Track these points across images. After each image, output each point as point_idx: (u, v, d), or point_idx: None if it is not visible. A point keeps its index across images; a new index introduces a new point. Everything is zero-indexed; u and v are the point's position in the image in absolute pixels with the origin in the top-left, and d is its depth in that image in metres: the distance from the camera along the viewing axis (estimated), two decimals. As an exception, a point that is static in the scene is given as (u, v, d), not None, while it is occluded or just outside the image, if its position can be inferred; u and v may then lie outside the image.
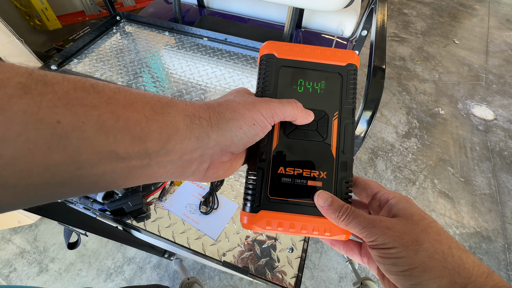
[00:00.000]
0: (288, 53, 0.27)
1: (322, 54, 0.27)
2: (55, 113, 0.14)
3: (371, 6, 0.64)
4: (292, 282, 0.49)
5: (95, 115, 0.15)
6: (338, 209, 0.23)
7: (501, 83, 2.21)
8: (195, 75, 0.83)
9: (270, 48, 0.28)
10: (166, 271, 1.17)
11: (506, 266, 1.27)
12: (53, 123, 0.14)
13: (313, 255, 1.27)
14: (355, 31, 1.07)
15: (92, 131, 0.15)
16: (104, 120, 0.15)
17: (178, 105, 0.20)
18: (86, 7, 1.78)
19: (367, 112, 0.43)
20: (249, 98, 0.23)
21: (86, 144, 0.15)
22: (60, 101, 0.14)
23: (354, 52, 0.28)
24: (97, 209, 0.55)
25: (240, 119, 0.21)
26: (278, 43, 0.28)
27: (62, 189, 0.15)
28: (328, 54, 0.27)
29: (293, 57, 0.27)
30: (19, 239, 1.23)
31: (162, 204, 0.57)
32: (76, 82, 0.15)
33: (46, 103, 0.13)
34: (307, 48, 0.27)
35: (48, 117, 0.13)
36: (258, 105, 0.22)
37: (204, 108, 0.21)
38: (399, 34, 2.68)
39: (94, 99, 0.15)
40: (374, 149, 1.70)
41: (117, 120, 0.16)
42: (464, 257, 0.20)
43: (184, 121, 0.19)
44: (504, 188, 1.55)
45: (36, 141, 0.13)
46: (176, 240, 0.52)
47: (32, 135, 0.13)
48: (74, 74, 0.79)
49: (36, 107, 0.13)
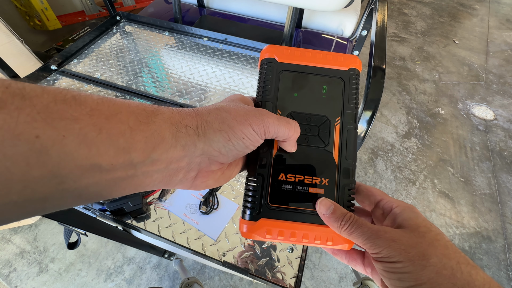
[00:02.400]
0: (289, 57, 0.27)
1: (324, 58, 0.27)
2: (33, 128, 0.13)
3: (371, 6, 0.64)
4: (292, 282, 0.49)
5: (76, 128, 0.15)
6: (340, 217, 0.22)
7: (501, 83, 2.21)
8: (195, 75, 0.83)
9: (271, 52, 0.27)
10: (166, 271, 1.17)
11: (506, 266, 1.27)
12: (32, 138, 0.13)
13: (313, 255, 1.27)
14: (355, 31, 1.07)
15: (74, 145, 0.14)
16: (86, 132, 0.15)
17: (164, 113, 0.19)
18: (86, 7, 1.78)
19: (367, 112, 0.43)
20: (242, 110, 0.22)
21: (68, 158, 0.14)
22: (39, 115, 0.13)
23: (356, 57, 0.27)
24: (97, 209, 0.55)
25: (229, 131, 0.21)
26: (279, 47, 0.27)
27: (44, 204, 0.15)
28: (330, 59, 0.27)
29: (294, 61, 0.27)
30: (19, 239, 1.23)
31: (162, 204, 0.57)
32: (56, 95, 0.15)
33: (24, 118, 0.13)
34: (308, 52, 0.27)
35: (26, 132, 0.13)
36: (251, 119, 0.21)
37: (192, 116, 0.20)
38: (399, 34, 2.68)
39: (75, 111, 0.15)
40: (374, 149, 1.70)
41: (100, 132, 0.16)
42: (474, 273, 0.19)
43: (170, 130, 0.19)
44: (504, 188, 1.55)
45: (14, 158, 0.13)
46: (176, 240, 0.52)
47: (9, 152, 0.12)
48: (74, 74, 0.79)
49: (13, 123, 0.13)
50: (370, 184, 1.53)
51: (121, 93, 0.76)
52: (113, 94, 0.76)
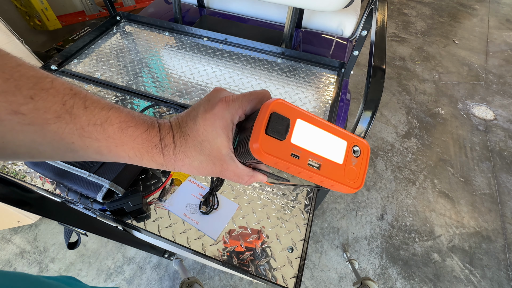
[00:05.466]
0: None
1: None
2: (71, 137, 0.21)
3: (371, 6, 0.64)
4: (292, 282, 0.49)
5: (96, 146, 0.22)
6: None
7: (501, 83, 2.21)
8: (195, 75, 0.83)
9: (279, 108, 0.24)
10: (166, 271, 1.17)
11: (506, 266, 1.27)
12: (69, 143, 0.21)
13: (313, 255, 1.27)
14: (355, 31, 1.07)
15: (92, 153, 0.23)
16: (101, 150, 0.23)
17: (167, 148, 0.25)
18: (86, 7, 1.78)
19: (367, 112, 0.43)
20: (221, 153, 0.25)
21: (87, 157, 0.23)
22: (77, 131, 0.21)
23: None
24: (97, 209, 0.55)
25: (206, 174, 0.26)
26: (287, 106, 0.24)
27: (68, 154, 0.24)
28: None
29: None
30: (19, 239, 1.23)
31: (162, 204, 0.57)
32: (90, 118, 0.21)
33: (68, 130, 0.21)
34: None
35: (67, 138, 0.21)
36: (225, 173, 0.27)
37: (171, 143, 0.25)
38: (399, 34, 2.69)
39: (99, 134, 0.22)
40: (374, 149, 1.70)
41: (109, 152, 0.23)
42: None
43: (157, 164, 0.26)
44: (504, 188, 1.55)
45: (58, 147, 0.21)
46: (176, 240, 0.52)
47: (56, 145, 0.21)
48: (74, 74, 0.79)
49: (61, 131, 0.20)
50: (370, 184, 1.53)
51: (121, 93, 0.76)
52: (113, 94, 0.76)
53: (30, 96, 0.19)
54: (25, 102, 0.19)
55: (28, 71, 0.19)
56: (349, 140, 0.25)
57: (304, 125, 0.24)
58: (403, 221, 1.40)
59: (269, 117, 0.22)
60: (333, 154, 0.24)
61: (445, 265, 1.27)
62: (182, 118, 0.25)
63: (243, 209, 0.57)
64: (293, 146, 0.23)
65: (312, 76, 0.85)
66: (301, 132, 0.23)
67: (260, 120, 0.22)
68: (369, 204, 1.45)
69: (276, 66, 0.87)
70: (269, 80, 0.83)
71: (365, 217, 1.40)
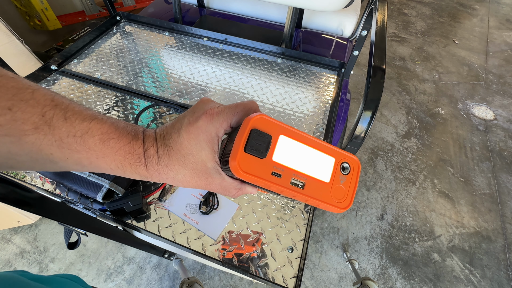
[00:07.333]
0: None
1: None
2: (50, 149, 0.21)
3: (371, 6, 0.64)
4: (292, 282, 0.49)
5: (76, 157, 0.22)
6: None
7: (501, 83, 2.21)
8: (195, 75, 0.83)
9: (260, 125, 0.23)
10: (166, 271, 1.17)
11: (506, 266, 1.27)
12: (48, 154, 0.21)
13: (313, 255, 1.27)
14: (355, 31, 1.07)
15: (72, 164, 0.23)
16: (81, 161, 0.23)
17: (150, 163, 0.24)
18: (86, 7, 1.78)
19: (367, 112, 0.43)
20: (206, 166, 0.24)
21: (68, 168, 0.23)
22: (56, 143, 0.21)
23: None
24: (97, 209, 0.55)
25: (191, 186, 0.26)
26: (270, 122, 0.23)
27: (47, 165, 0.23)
28: None
29: None
30: (19, 239, 1.23)
31: (162, 204, 0.57)
32: (70, 130, 0.21)
33: (46, 142, 0.20)
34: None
35: (45, 149, 0.21)
36: (211, 186, 0.26)
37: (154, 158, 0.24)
38: (399, 34, 2.69)
39: (79, 146, 0.22)
40: (374, 149, 1.70)
41: (90, 164, 0.23)
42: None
43: (141, 176, 0.25)
44: (504, 188, 1.55)
45: (38, 159, 0.21)
46: (176, 240, 0.52)
47: (35, 156, 0.21)
48: (74, 74, 0.79)
49: (39, 142, 0.20)
50: (370, 184, 1.53)
51: (121, 93, 0.76)
52: (113, 94, 0.76)
53: (8, 107, 0.19)
54: (2, 113, 0.19)
55: (8, 82, 0.19)
56: (337, 157, 0.24)
57: (287, 142, 0.22)
58: (403, 221, 1.40)
59: (249, 134, 0.21)
60: (319, 171, 0.23)
61: (445, 265, 1.27)
62: (167, 130, 0.25)
63: (243, 209, 0.57)
64: (275, 164, 0.22)
65: (312, 76, 0.85)
66: (284, 149, 0.22)
67: (240, 137, 0.21)
68: (369, 204, 1.45)
69: (276, 66, 0.87)
70: (269, 80, 0.83)
71: (365, 217, 1.40)
